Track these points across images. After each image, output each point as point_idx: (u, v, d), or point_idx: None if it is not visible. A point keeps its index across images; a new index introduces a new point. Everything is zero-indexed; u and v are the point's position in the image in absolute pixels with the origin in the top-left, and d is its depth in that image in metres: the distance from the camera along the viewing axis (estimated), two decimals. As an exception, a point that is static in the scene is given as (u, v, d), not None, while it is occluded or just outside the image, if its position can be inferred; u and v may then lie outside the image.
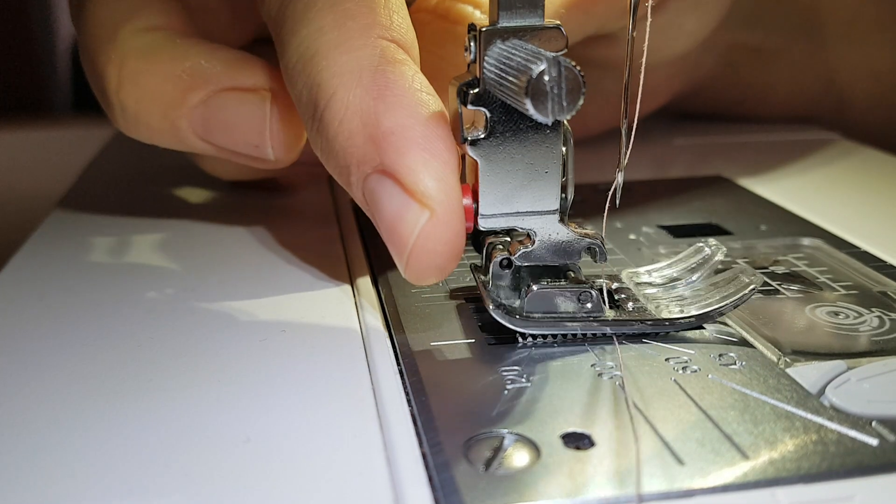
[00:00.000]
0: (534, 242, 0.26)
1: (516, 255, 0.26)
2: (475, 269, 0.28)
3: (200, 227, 0.39)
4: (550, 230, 0.26)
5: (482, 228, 0.26)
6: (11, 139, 0.72)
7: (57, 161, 0.66)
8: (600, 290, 0.26)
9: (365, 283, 0.32)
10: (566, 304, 0.26)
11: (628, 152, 0.27)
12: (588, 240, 0.26)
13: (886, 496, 0.19)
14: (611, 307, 0.27)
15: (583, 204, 0.38)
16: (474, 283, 0.30)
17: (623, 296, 0.28)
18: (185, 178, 0.45)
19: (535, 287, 0.26)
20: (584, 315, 0.26)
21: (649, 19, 0.25)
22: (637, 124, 0.26)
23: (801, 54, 0.53)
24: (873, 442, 0.21)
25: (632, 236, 0.36)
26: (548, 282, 0.26)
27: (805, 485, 0.19)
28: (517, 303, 0.26)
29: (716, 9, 0.44)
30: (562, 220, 0.26)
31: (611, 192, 0.27)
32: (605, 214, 0.27)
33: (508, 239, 0.28)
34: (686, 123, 0.58)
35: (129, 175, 0.49)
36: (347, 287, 0.32)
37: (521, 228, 0.26)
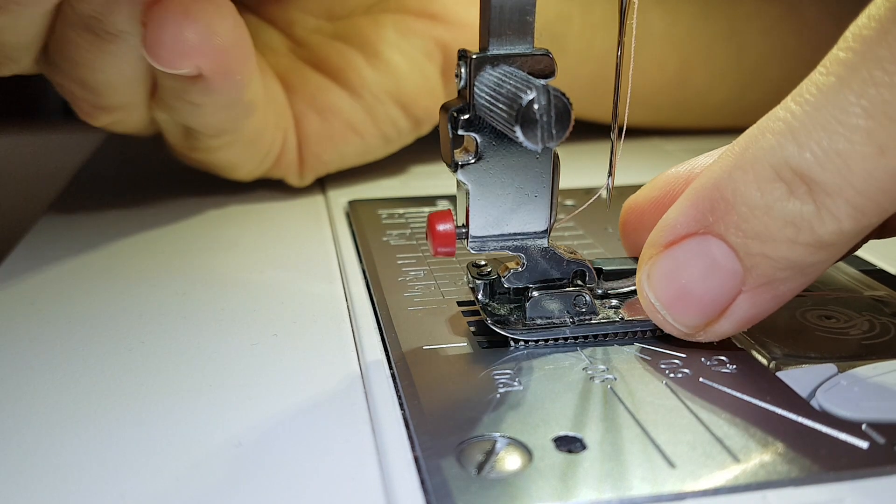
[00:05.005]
0: (523, 265, 0.26)
1: (506, 277, 0.26)
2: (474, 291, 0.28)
3: (191, 231, 0.39)
4: (540, 252, 0.26)
5: (473, 252, 0.26)
6: (2, 144, 0.72)
7: (47, 166, 0.66)
8: (591, 293, 0.26)
9: (357, 286, 0.32)
10: (562, 307, 0.26)
11: (618, 155, 0.27)
12: (577, 262, 0.27)
13: (876, 499, 0.19)
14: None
15: (574, 208, 0.38)
16: (467, 287, 0.31)
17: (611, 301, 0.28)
18: (175, 183, 0.45)
19: (535, 294, 0.26)
20: (580, 319, 0.26)
21: (635, 22, 0.25)
22: (623, 130, 0.26)
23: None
24: (863, 445, 0.21)
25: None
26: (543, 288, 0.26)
27: (795, 488, 0.19)
28: (502, 309, 0.27)
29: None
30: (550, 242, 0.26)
31: (603, 190, 0.27)
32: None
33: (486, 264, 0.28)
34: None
35: (120, 179, 0.49)
36: (340, 291, 0.32)
37: (511, 251, 0.26)
